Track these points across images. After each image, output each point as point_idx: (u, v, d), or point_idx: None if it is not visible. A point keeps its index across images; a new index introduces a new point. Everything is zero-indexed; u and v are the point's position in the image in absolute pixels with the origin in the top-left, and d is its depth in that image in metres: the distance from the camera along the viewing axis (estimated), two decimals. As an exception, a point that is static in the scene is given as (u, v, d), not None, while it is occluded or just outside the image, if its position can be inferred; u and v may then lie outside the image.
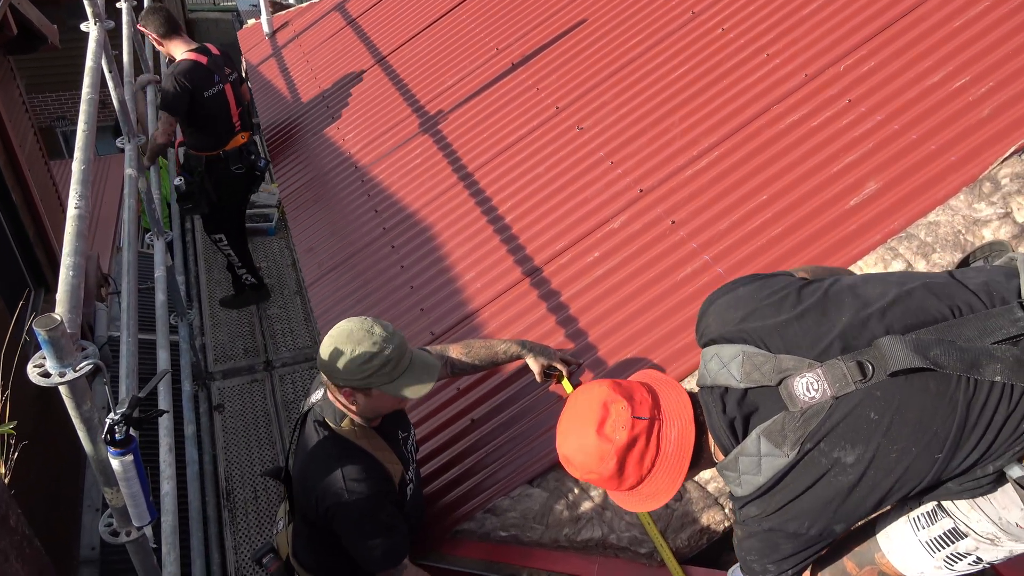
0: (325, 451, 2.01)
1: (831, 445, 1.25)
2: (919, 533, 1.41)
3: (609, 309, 2.62)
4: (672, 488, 1.40)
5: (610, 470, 1.38)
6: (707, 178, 2.80)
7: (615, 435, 1.37)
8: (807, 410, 1.26)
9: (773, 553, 1.37)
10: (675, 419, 1.40)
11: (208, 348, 4.88)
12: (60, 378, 1.42)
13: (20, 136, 5.80)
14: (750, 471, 1.31)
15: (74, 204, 1.83)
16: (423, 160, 3.76)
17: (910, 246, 2.27)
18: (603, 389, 1.42)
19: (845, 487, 1.25)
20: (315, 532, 2.16)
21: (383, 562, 2.03)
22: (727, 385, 1.35)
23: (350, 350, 1.85)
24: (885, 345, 1.24)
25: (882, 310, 1.29)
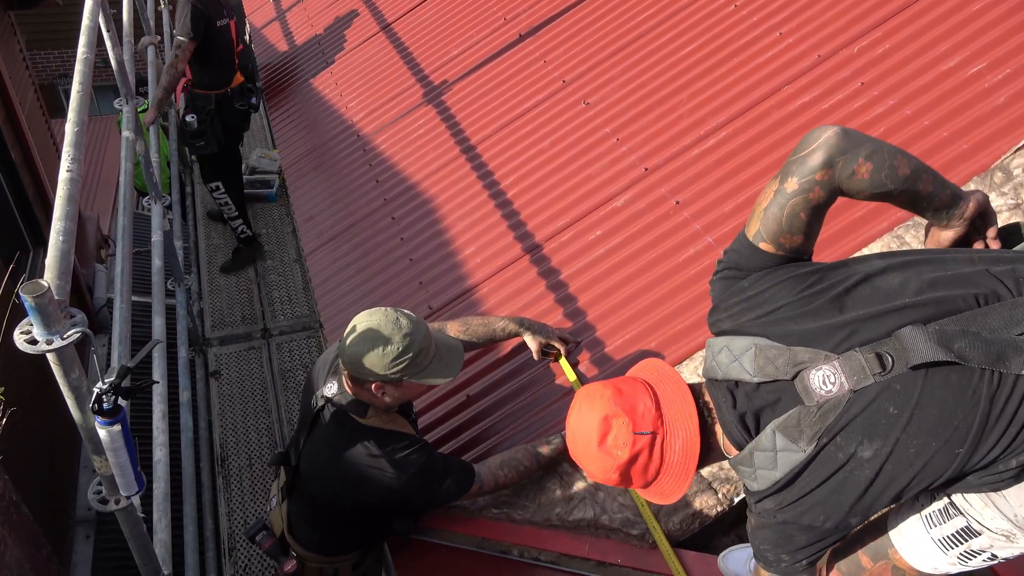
0: (364, 446, 2.00)
1: (848, 440, 1.21)
2: (931, 531, 1.38)
3: (610, 288, 2.59)
4: (679, 491, 1.38)
5: (613, 481, 1.38)
6: (713, 158, 2.75)
7: (616, 451, 1.34)
8: (824, 404, 1.22)
9: (787, 544, 1.35)
10: (679, 430, 1.36)
11: (206, 314, 4.86)
12: (47, 346, 1.40)
13: (20, 93, 5.73)
14: (766, 466, 1.28)
15: (66, 167, 1.79)
16: (426, 131, 3.71)
17: (917, 234, 2.23)
18: (605, 401, 1.38)
19: (862, 482, 1.22)
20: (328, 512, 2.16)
21: (462, 490, 2.09)
22: (739, 379, 1.31)
23: (381, 347, 1.84)
24: (907, 336, 1.19)
25: (903, 299, 1.23)
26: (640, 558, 2.07)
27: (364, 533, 2.27)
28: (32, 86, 6.68)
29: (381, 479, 2.00)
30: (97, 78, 11.39)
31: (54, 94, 11.77)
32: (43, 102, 6.96)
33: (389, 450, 2.00)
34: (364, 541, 2.34)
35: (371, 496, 2.04)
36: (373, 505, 2.09)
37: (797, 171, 1.34)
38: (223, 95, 4.55)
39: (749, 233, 1.42)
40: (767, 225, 1.38)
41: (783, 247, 1.37)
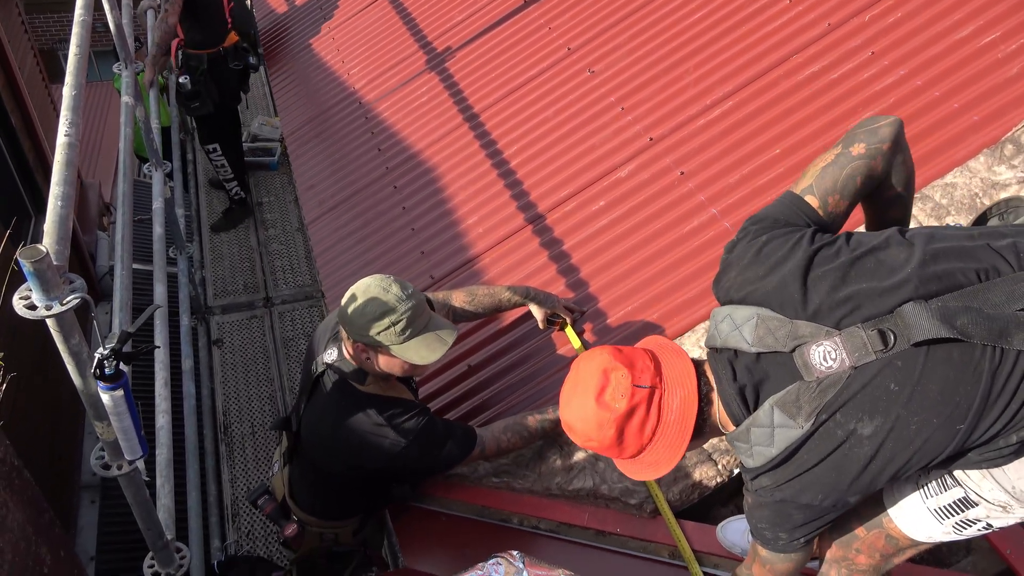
0: (364, 413, 2.00)
1: (847, 416, 1.20)
2: (928, 501, 1.39)
3: (613, 259, 2.57)
4: (673, 458, 1.35)
5: (609, 438, 1.34)
6: (719, 129, 2.72)
7: (614, 403, 1.32)
8: (823, 380, 1.21)
9: (785, 522, 1.35)
10: (677, 387, 1.35)
11: (208, 282, 4.86)
12: (47, 311, 1.39)
13: (19, 58, 5.67)
14: (762, 443, 1.27)
15: (64, 131, 1.77)
16: (429, 99, 3.66)
17: (924, 207, 2.21)
18: (604, 356, 1.37)
19: (861, 459, 1.21)
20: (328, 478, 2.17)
21: (464, 453, 2.09)
22: (737, 348, 1.30)
23: (362, 304, 1.84)
24: (909, 313, 1.18)
25: (905, 275, 1.22)
26: (639, 527, 2.08)
27: (364, 499, 2.29)
28: (31, 51, 6.62)
29: (381, 445, 2.00)
30: (97, 43, 11.28)
31: (54, 59, 11.65)
32: (43, 67, 6.90)
33: (389, 416, 2.00)
34: (364, 507, 2.36)
35: (371, 463, 2.05)
36: (373, 471, 2.10)
37: (867, 139, 1.37)
38: (216, 54, 4.47)
39: (797, 188, 1.41)
40: (822, 181, 1.38)
41: (825, 208, 1.38)
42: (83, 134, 9.89)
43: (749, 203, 2.46)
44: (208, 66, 4.47)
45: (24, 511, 1.64)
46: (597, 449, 1.39)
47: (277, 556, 3.47)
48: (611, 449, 1.37)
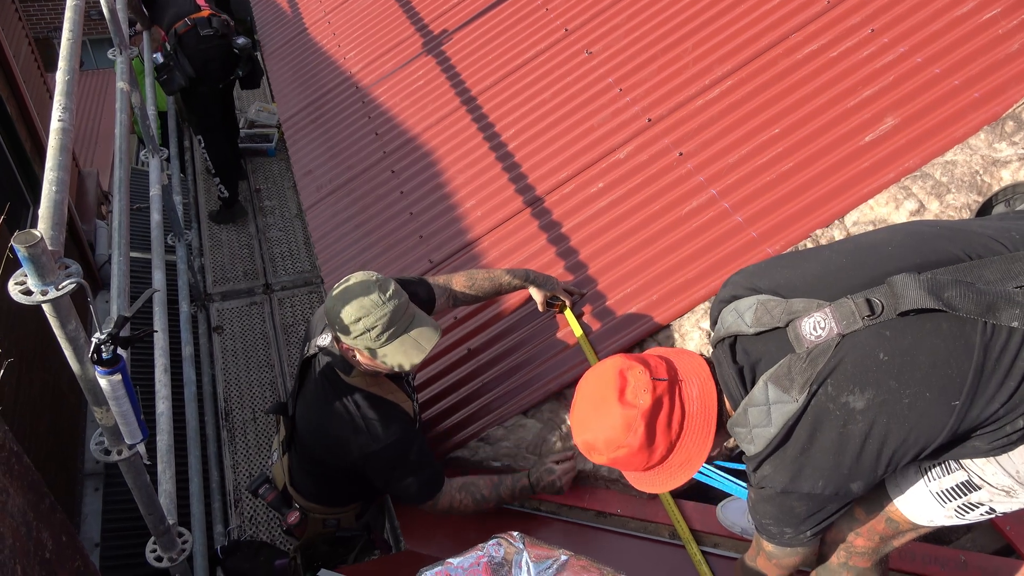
0: (342, 403, 2.00)
1: (839, 388, 1.20)
2: (931, 484, 1.37)
3: (612, 241, 2.57)
4: (702, 452, 1.34)
5: (639, 440, 1.31)
6: (718, 109, 2.70)
7: (638, 399, 1.31)
8: (812, 350, 1.21)
9: (788, 516, 1.33)
10: (693, 377, 1.35)
11: (207, 269, 4.86)
12: (42, 296, 1.39)
13: (14, 46, 5.63)
14: (760, 423, 1.26)
15: (58, 116, 1.76)
16: (426, 82, 3.64)
17: (924, 186, 2.19)
18: (615, 360, 1.37)
19: (857, 437, 1.20)
20: (320, 467, 2.17)
21: (420, 497, 2.05)
22: (738, 332, 1.31)
23: (341, 307, 1.83)
24: (898, 283, 1.18)
25: (895, 250, 1.24)
26: (639, 508, 2.09)
27: (364, 486, 2.28)
28: (26, 39, 6.57)
29: (350, 440, 1.99)
30: (93, 31, 11.21)
31: (49, 48, 11.58)
32: (38, 55, 6.86)
33: (365, 413, 1.98)
34: (365, 494, 2.36)
35: (341, 459, 2.04)
36: (346, 469, 2.07)
37: None
38: (184, 26, 4.45)
39: None
40: None
41: None
42: (80, 123, 9.83)
43: (748, 183, 2.45)
44: (178, 40, 4.45)
45: (24, 496, 1.64)
46: (625, 458, 1.35)
47: (280, 541, 3.49)
48: (640, 454, 1.34)
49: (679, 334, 2.26)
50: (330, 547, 2.46)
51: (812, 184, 2.35)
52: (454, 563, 1.41)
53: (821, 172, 2.35)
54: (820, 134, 2.44)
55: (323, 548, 2.46)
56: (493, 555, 1.43)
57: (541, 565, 1.39)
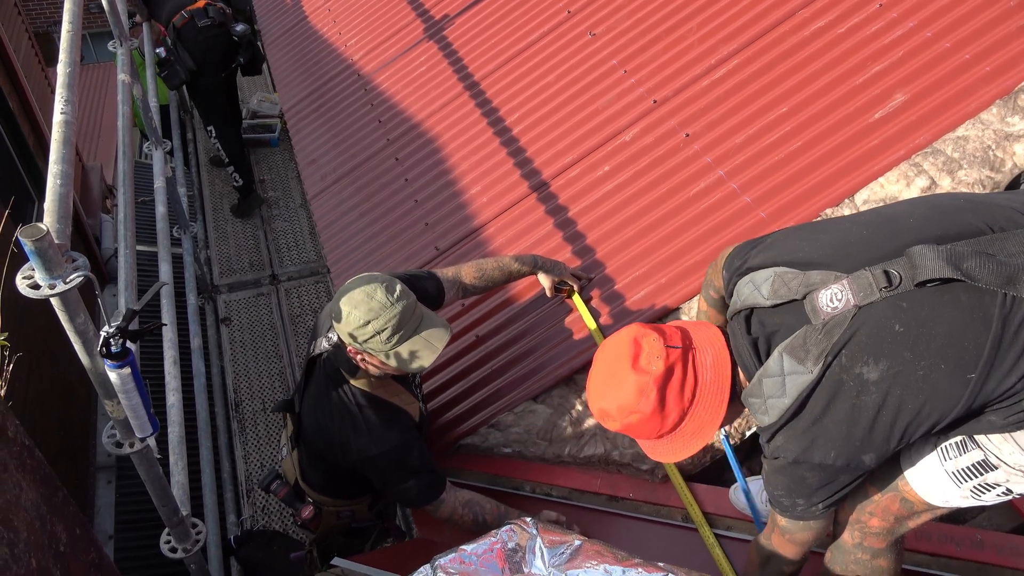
0: (344, 405, 1.99)
1: (853, 360, 1.19)
2: (946, 463, 1.36)
3: (619, 224, 2.55)
4: (715, 421, 1.34)
5: (651, 405, 1.32)
6: (724, 88, 2.67)
7: (651, 366, 1.32)
8: (828, 321, 1.20)
9: (800, 487, 1.33)
10: (708, 347, 1.35)
11: (213, 261, 4.85)
12: (50, 290, 1.38)
13: (14, 41, 5.62)
14: (775, 393, 1.26)
15: (60, 109, 1.74)
16: (428, 68, 3.61)
17: (935, 162, 2.17)
18: (630, 328, 1.38)
19: (870, 408, 1.19)
20: (327, 463, 2.17)
21: (419, 501, 2.04)
22: (754, 305, 1.30)
23: (347, 312, 1.80)
24: (916, 253, 1.17)
25: (915, 222, 1.22)
26: (651, 492, 2.08)
27: (368, 484, 2.27)
28: (26, 34, 6.56)
29: (350, 443, 1.98)
30: (93, 24, 11.16)
31: (49, 42, 11.55)
32: (38, 50, 6.84)
33: (367, 416, 1.97)
34: (372, 488, 2.36)
35: (342, 460, 2.04)
36: (348, 467, 2.07)
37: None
38: (181, 19, 4.41)
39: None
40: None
41: None
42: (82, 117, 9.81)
43: (756, 163, 2.42)
44: (176, 34, 4.42)
45: (37, 490, 1.65)
46: (638, 424, 1.36)
47: (293, 530, 3.50)
48: (652, 420, 1.34)
49: (689, 316, 2.24)
50: (345, 538, 2.47)
51: (821, 163, 2.32)
52: (467, 550, 1.41)
53: (830, 150, 2.33)
54: (828, 112, 2.41)
55: (339, 539, 2.46)
56: (507, 541, 1.43)
57: (555, 551, 1.39)
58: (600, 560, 1.35)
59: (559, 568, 1.36)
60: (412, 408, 2.07)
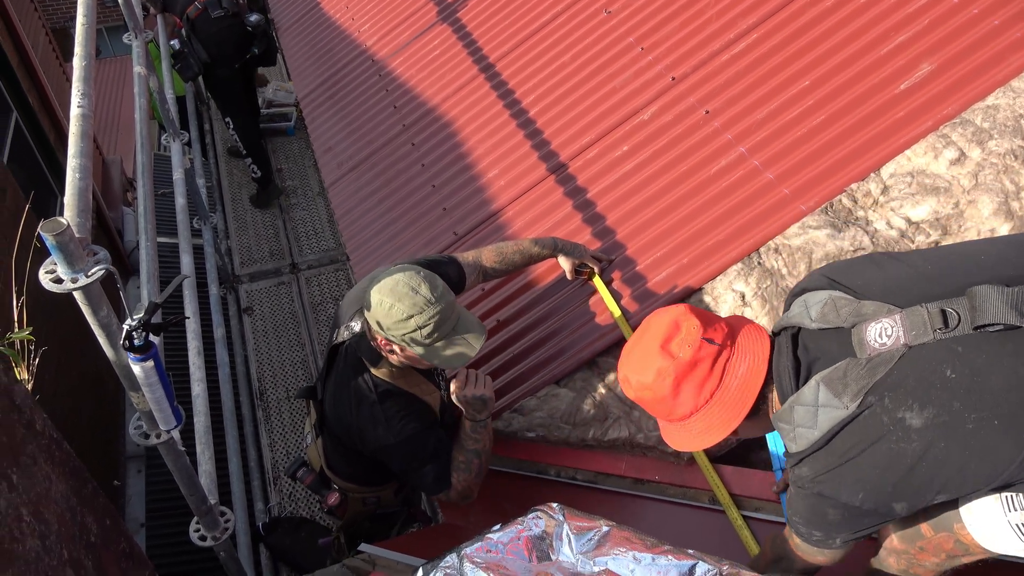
0: (364, 394, 1.99)
1: (896, 402, 1.11)
2: (1010, 515, 1.21)
3: (639, 205, 2.51)
4: (726, 428, 1.29)
5: (666, 390, 1.28)
6: (744, 63, 2.61)
7: (679, 351, 1.27)
8: (874, 357, 1.13)
9: (820, 521, 1.27)
10: (747, 354, 1.29)
11: (234, 251, 4.88)
12: (72, 284, 1.38)
13: (32, 37, 5.66)
14: (805, 423, 1.20)
15: (77, 103, 1.74)
16: (442, 51, 3.58)
17: (964, 133, 2.11)
18: (678, 308, 1.34)
19: (909, 457, 1.11)
20: (351, 450, 2.19)
21: (435, 487, 2.05)
22: (801, 324, 1.25)
23: (389, 305, 1.79)
24: (979, 294, 1.08)
25: (988, 260, 1.14)
26: (677, 474, 2.07)
27: (390, 470, 2.28)
28: (43, 29, 6.60)
29: (368, 432, 1.99)
30: (109, 18, 11.21)
31: (66, 38, 11.62)
32: (56, 46, 6.89)
33: (386, 407, 1.97)
34: (395, 475, 2.37)
35: (361, 448, 2.05)
36: (368, 455, 2.09)
37: None
38: (195, 10, 4.40)
39: None
40: None
41: None
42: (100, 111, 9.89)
43: (778, 139, 2.37)
44: (191, 26, 4.42)
45: (67, 482, 1.67)
46: (649, 403, 1.34)
47: (320, 517, 3.54)
48: (663, 403, 1.31)
49: (711, 297, 2.21)
50: (372, 524, 2.48)
51: (845, 137, 2.27)
52: (493, 538, 1.40)
53: (854, 124, 2.27)
54: (852, 84, 2.35)
55: (365, 525, 2.48)
56: (533, 528, 1.42)
57: (583, 537, 1.37)
58: (629, 547, 1.33)
59: (587, 555, 1.35)
60: (433, 398, 2.07)
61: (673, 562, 1.29)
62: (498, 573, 1.32)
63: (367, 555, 2.07)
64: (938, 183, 2.07)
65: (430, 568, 1.38)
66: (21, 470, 1.50)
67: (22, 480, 1.50)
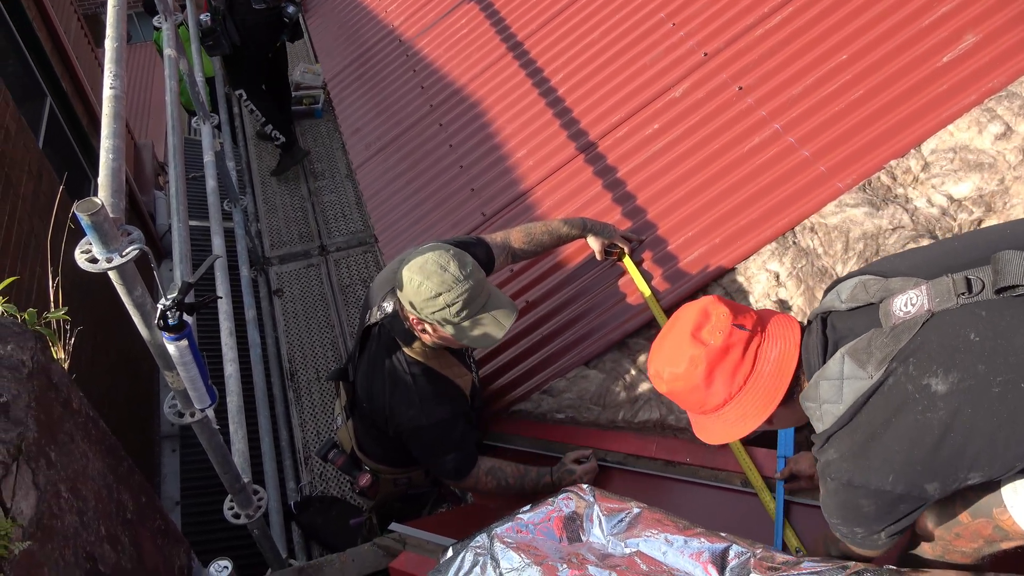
0: (398, 375, 2.00)
1: (920, 368, 1.10)
2: None
3: (670, 184, 2.47)
4: (761, 413, 1.27)
5: (699, 377, 1.27)
6: (779, 37, 2.55)
7: (710, 338, 1.26)
8: (898, 325, 1.13)
9: (856, 515, 1.24)
10: (778, 339, 1.28)
11: (264, 234, 4.92)
12: (107, 264, 1.40)
13: (64, 23, 5.73)
14: (831, 398, 1.18)
15: (109, 84, 1.75)
16: (469, 30, 3.55)
17: (1011, 106, 2.03)
18: (707, 298, 1.34)
19: (936, 427, 1.09)
20: (381, 432, 2.20)
21: (455, 475, 2.07)
22: (831, 308, 1.25)
23: (419, 282, 1.79)
24: (1003, 259, 1.08)
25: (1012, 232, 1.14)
26: (708, 456, 2.04)
27: None
28: (76, 16, 6.68)
29: (400, 412, 2.00)
30: (139, 4, 11.33)
31: (98, 24, 11.77)
32: (88, 31, 6.97)
33: (420, 387, 1.98)
34: None
35: (390, 427, 2.06)
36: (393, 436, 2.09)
37: None
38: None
39: None
40: None
41: None
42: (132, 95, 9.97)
43: (815, 115, 2.31)
44: (228, 6, 4.40)
45: (103, 460, 1.69)
46: (682, 394, 1.32)
47: (351, 496, 3.58)
48: (697, 393, 1.30)
49: (744, 277, 2.18)
50: (403, 504, 2.50)
51: (885, 112, 2.20)
52: (524, 518, 1.39)
53: (895, 98, 2.21)
54: (892, 57, 2.28)
55: (396, 506, 2.50)
56: (563, 509, 1.42)
57: (613, 519, 1.36)
58: (661, 529, 1.32)
59: (618, 537, 1.34)
60: (464, 380, 2.07)
61: (706, 544, 1.28)
62: (529, 553, 1.32)
63: (398, 535, 2.09)
64: (982, 159, 2.00)
65: (460, 548, 1.38)
66: (59, 448, 1.53)
67: (60, 457, 1.52)
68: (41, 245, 3.19)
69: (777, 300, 2.09)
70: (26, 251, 3.44)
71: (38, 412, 1.50)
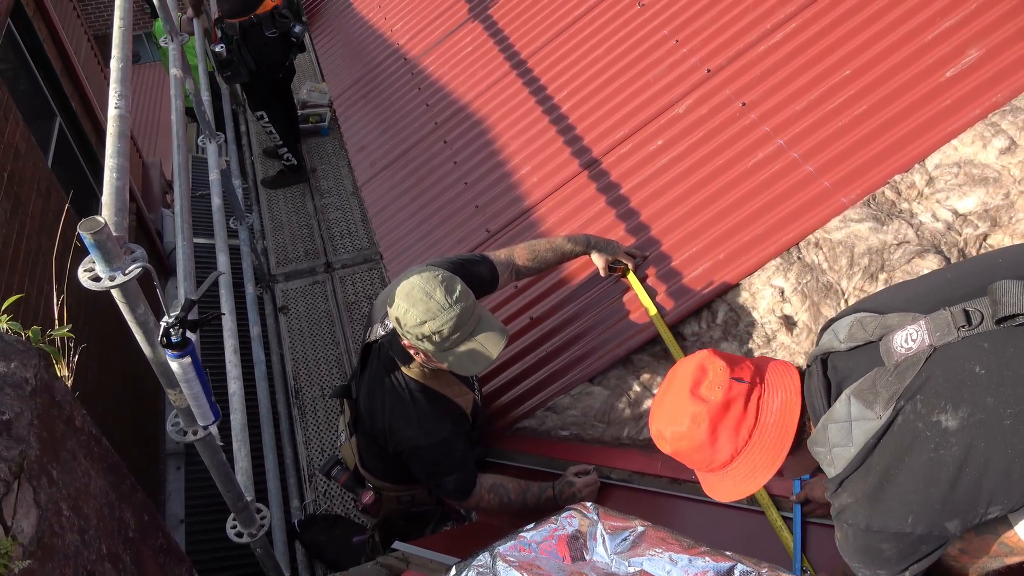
0: (398, 394, 1.99)
1: (929, 405, 1.08)
2: None
3: (674, 200, 2.47)
4: (771, 466, 1.25)
5: (702, 435, 1.25)
6: (782, 53, 2.55)
7: (710, 394, 1.25)
8: (901, 363, 1.11)
9: (877, 559, 1.21)
10: (778, 388, 1.26)
11: (269, 251, 4.94)
12: (110, 282, 1.40)
13: (74, 43, 5.80)
14: (840, 441, 1.17)
15: (114, 103, 1.77)
16: (473, 49, 3.57)
17: (1015, 120, 2.03)
18: (702, 353, 1.32)
19: (951, 464, 1.07)
20: (383, 450, 2.19)
21: (456, 495, 2.06)
22: (830, 349, 1.23)
23: (405, 309, 1.79)
24: (999, 288, 1.07)
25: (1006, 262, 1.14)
26: (715, 473, 2.02)
27: None
28: (85, 36, 6.76)
29: (399, 431, 1.99)
30: (148, 24, 11.45)
31: (107, 44, 11.90)
32: (97, 52, 7.05)
33: (419, 407, 1.97)
34: None
35: (390, 447, 2.05)
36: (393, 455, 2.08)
37: None
38: (249, 22, 4.42)
39: None
40: None
41: None
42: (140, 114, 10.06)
43: (818, 130, 2.31)
44: (242, 34, 4.44)
45: (106, 478, 1.69)
46: (687, 453, 1.30)
47: (355, 515, 3.56)
48: (702, 451, 1.28)
49: (749, 293, 2.16)
50: (406, 522, 2.49)
51: (889, 127, 2.20)
52: (527, 537, 1.38)
53: (898, 113, 2.20)
54: (896, 72, 2.28)
55: (400, 523, 2.48)
56: (567, 527, 1.40)
57: (617, 537, 1.35)
58: (665, 547, 1.30)
59: (622, 555, 1.32)
60: (465, 399, 2.06)
61: (711, 564, 1.26)
62: (531, 572, 1.30)
63: (401, 553, 2.07)
64: (987, 173, 1.99)
65: (463, 567, 1.36)
66: (61, 466, 1.53)
67: (62, 475, 1.52)
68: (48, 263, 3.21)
69: (782, 315, 2.07)
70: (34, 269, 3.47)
71: (40, 430, 1.50)
